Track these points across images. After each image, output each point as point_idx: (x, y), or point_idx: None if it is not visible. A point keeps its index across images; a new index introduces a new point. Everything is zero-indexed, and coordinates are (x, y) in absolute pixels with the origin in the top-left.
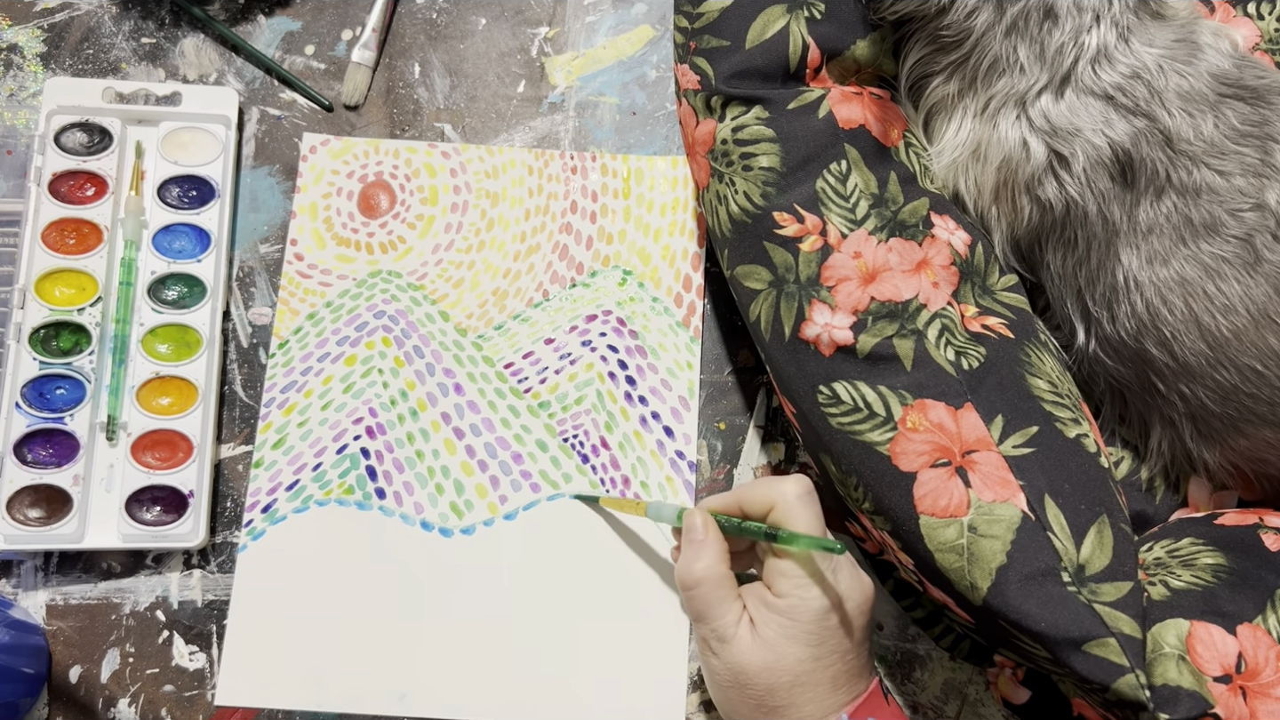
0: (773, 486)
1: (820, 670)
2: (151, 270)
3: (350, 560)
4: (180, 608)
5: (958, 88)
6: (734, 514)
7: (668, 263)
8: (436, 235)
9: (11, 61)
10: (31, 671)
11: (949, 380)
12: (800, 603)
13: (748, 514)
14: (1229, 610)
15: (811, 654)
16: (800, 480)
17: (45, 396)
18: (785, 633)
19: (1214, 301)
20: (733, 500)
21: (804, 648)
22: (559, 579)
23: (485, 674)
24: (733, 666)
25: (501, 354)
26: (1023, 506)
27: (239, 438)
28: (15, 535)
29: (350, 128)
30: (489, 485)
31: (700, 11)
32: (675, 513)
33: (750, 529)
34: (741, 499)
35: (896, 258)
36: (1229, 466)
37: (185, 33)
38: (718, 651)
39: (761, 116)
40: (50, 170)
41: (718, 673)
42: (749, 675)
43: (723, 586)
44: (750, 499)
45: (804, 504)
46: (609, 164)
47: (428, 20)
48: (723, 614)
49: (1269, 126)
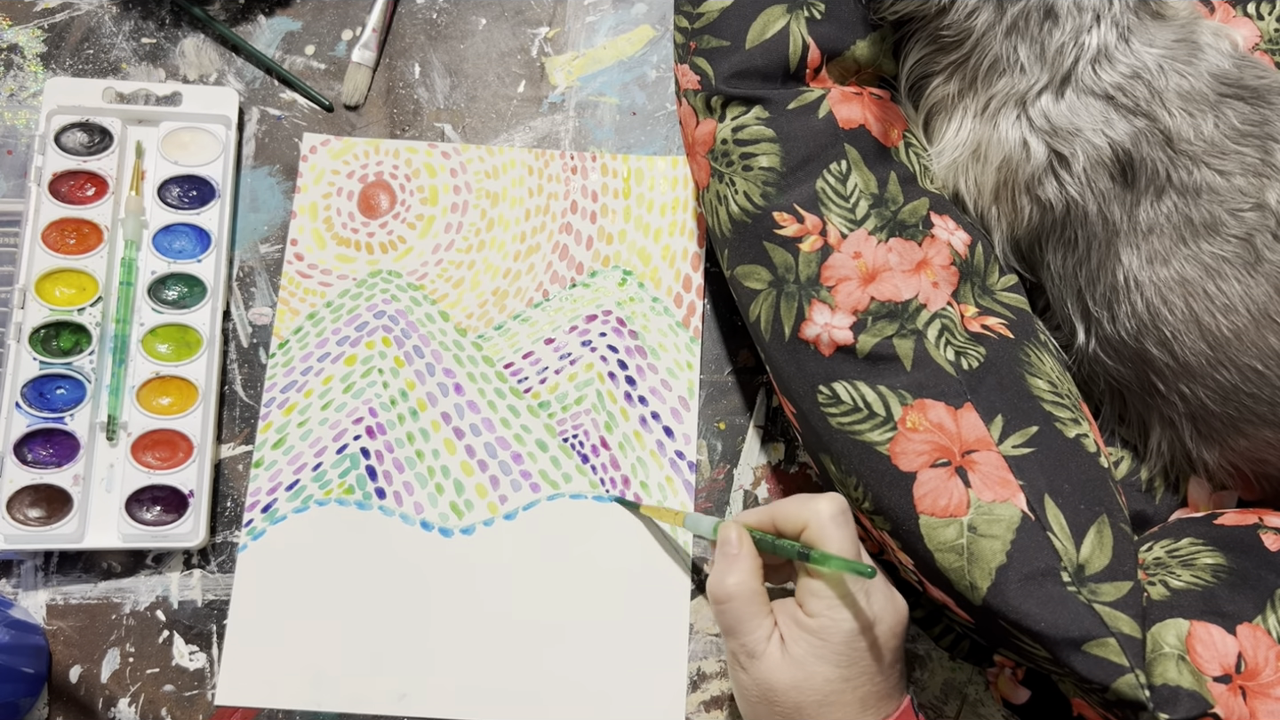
0: (807, 505)
1: (849, 691)
2: (152, 270)
3: (350, 560)
4: (180, 608)
5: (958, 88)
6: (768, 530)
7: (668, 263)
8: (436, 235)
9: (12, 61)
10: (31, 671)
11: (949, 380)
12: (831, 624)
13: (782, 531)
14: (1229, 610)
15: (840, 674)
16: (835, 500)
17: (45, 396)
18: (815, 652)
19: (1214, 301)
20: (767, 516)
21: (833, 668)
22: (559, 579)
23: (485, 674)
24: (761, 683)
25: (501, 354)
26: (1022, 506)
27: (239, 438)
28: (15, 535)
29: (350, 128)
30: (489, 485)
31: (700, 11)
32: (711, 525)
33: (783, 547)
34: (776, 515)
35: (896, 258)
36: (1229, 466)
37: (185, 33)
38: (746, 667)
39: (761, 116)
40: (50, 170)
41: (746, 688)
42: (777, 692)
43: (754, 602)
44: (785, 516)
45: (837, 524)
46: (609, 164)
47: (428, 20)
48: (753, 630)
49: (1269, 126)
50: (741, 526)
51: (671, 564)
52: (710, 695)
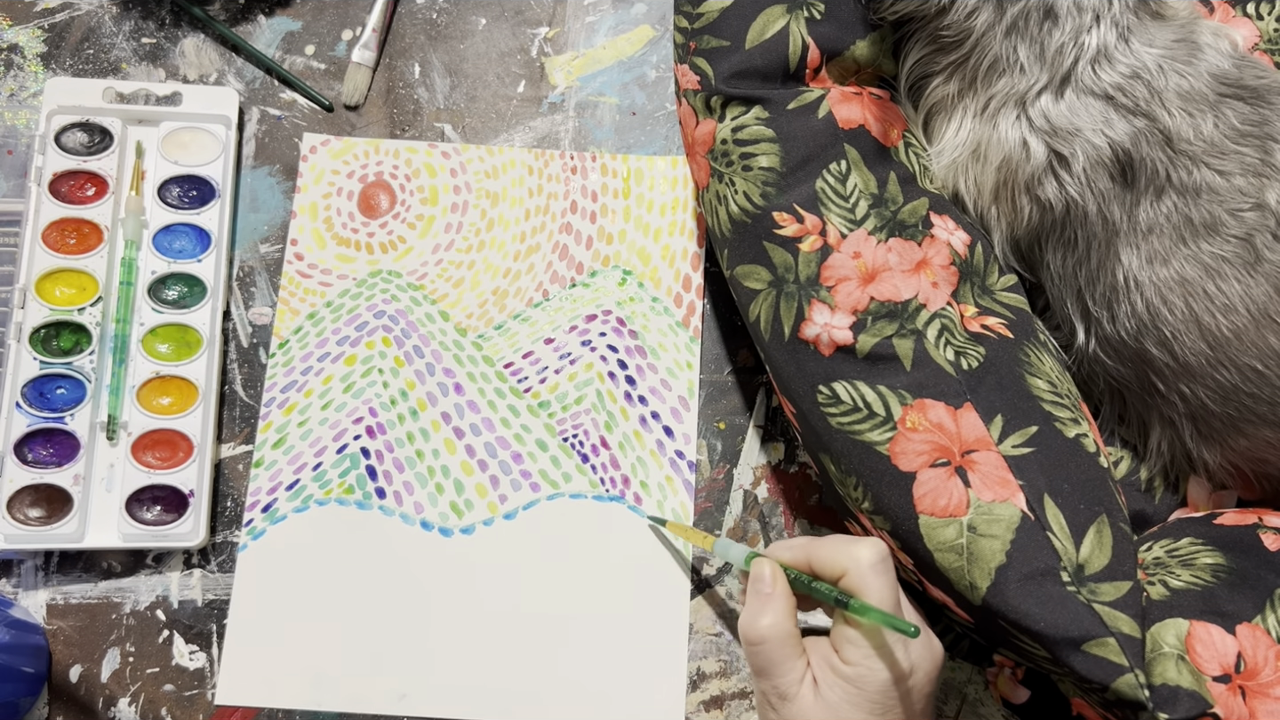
0: (846, 550)
1: None
2: (152, 270)
3: (350, 560)
4: (180, 607)
5: (958, 88)
6: (803, 569)
7: (667, 263)
8: (436, 235)
9: (12, 61)
10: (32, 671)
11: (948, 380)
12: (868, 673)
13: (818, 572)
14: (1228, 610)
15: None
16: (875, 546)
17: (45, 396)
18: (849, 699)
19: (1214, 301)
20: (803, 555)
21: (866, 715)
22: (559, 579)
23: (485, 674)
24: None
25: (501, 354)
26: (1022, 506)
27: (239, 437)
28: (15, 535)
29: (350, 128)
30: (489, 485)
31: (700, 11)
32: (744, 555)
33: (820, 591)
34: (812, 556)
35: (896, 258)
36: (1229, 466)
37: (185, 33)
38: (777, 708)
39: (761, 116)
40: (51, 170)
41: None
42: None
43: (787, 645)
44: (821, 558)
45: (877, 573)
46: (609, 164)
47: (428, 20)
48: (785, 672)
49: (1269, 126)
50: (776, 564)
51: (671, 564)
52: (710, 695)
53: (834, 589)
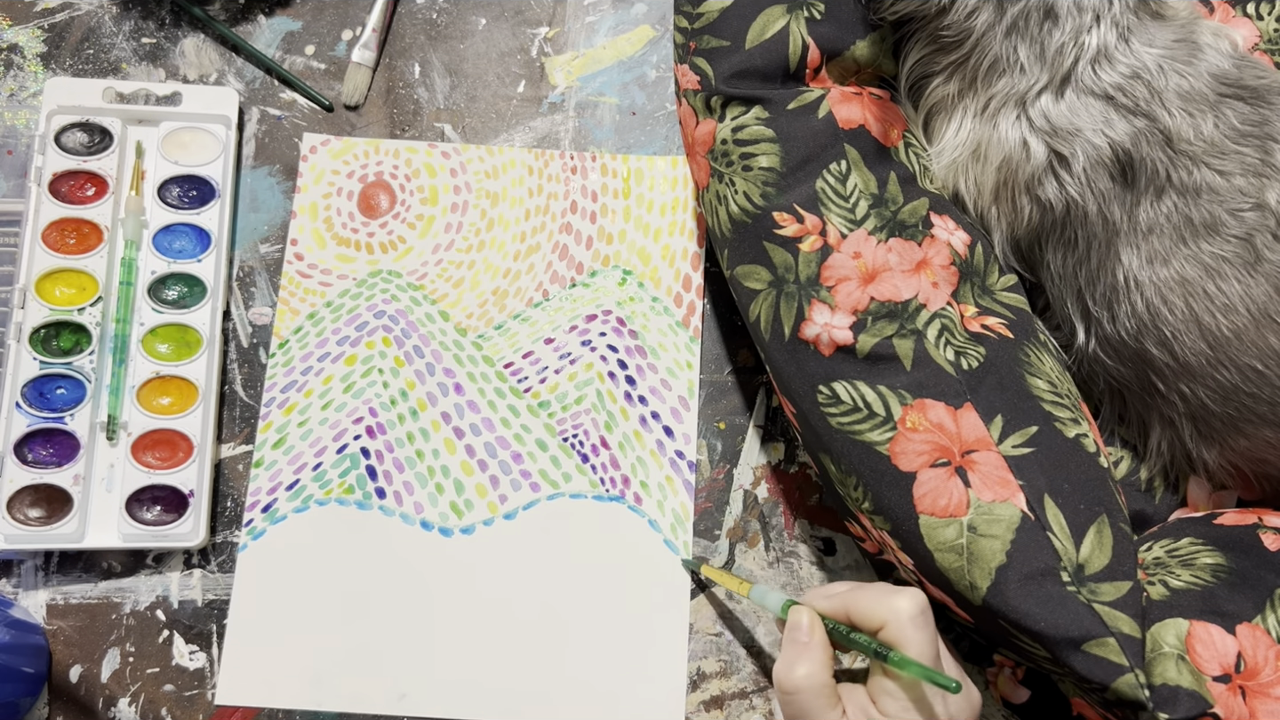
0: (885, 601)
1: None
2: (152, 270)
3: (350, 560)
4: (180, 607)
5: (958, 88)
6: (841, 619)
7: (667, 263)
8: (436, 235)
9: (12, 61)
10: (32, 671)
11: (949, 380)
12: None
13: (856, 623)
14: (1228, 610)
15: None
16: (915, 597)
17: (45, 396)
18: None
19: (1214, 301)
20: (841, 605)
21: None
22: (559, 579)
23: (485, 674)
24: None
25: (501, 354)
26: (1022, 506)
27: (239, 437)
28: (15, 535)
29: (350, 128)
30: (489, 485)
31: (700, 11)
32: (780, 603)
33: (859, 643)
34: (851, 606)
35: (896, 258)
36: (1229, 466)
37: (185, 33)
38: None
39: (761, 116)
40: (50, 170)
41: None
42: None
43: (823, 695)
44: (861, 609)
45: (917, 626)
46: (609, 164)
47: (428, 20)
48: None
49: (1269, 126)
50: (814, 613)
51: (672, 564)
52: (710, 695)
53: (873, 640)
